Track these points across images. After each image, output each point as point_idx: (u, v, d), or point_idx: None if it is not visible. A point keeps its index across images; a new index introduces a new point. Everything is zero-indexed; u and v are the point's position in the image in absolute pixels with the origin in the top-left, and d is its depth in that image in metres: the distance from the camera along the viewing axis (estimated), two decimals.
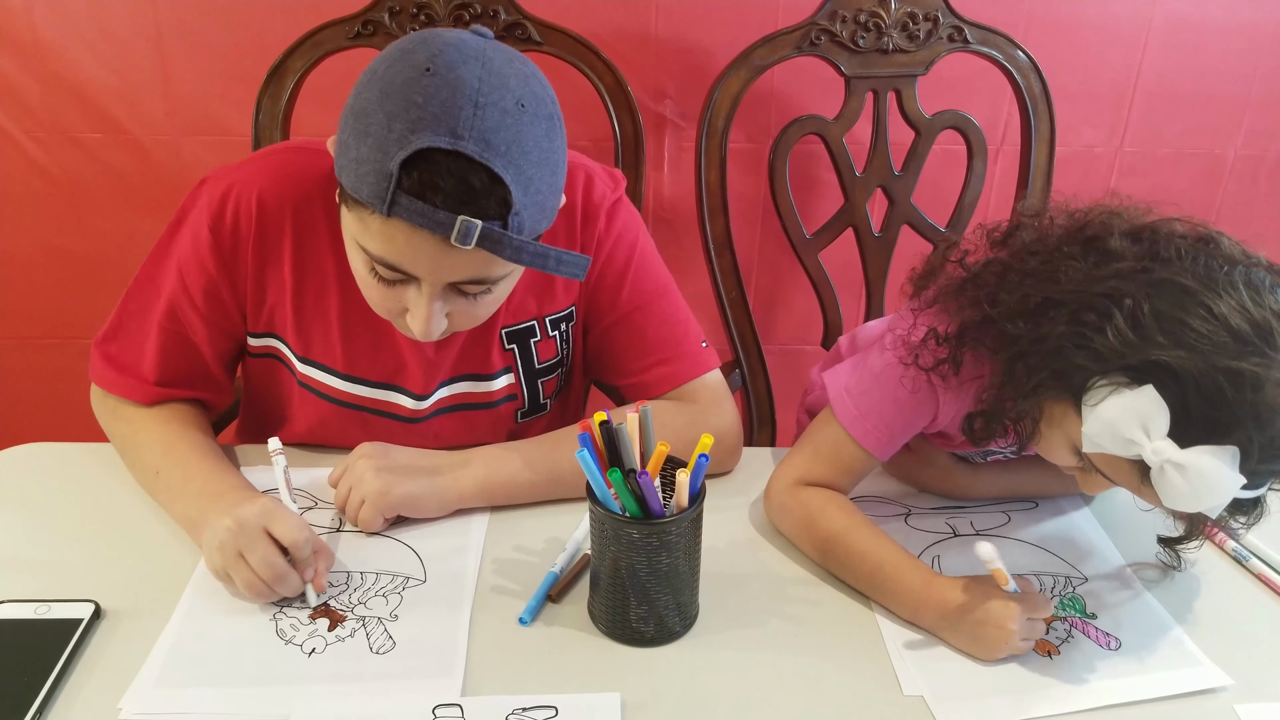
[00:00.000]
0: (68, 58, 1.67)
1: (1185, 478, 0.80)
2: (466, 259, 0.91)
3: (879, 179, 1.64)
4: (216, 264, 1.09)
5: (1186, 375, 0.80)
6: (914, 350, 1.00)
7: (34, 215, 1.79)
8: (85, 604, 0.94)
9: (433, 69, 0.87)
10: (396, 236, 0.90)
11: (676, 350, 1.20)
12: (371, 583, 1.00)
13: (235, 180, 1.08)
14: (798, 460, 1.10)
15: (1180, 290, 0.84)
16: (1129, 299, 0.84)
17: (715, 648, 0.94)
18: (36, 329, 1.87)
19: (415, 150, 0.85)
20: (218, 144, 1.73)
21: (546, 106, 0.93)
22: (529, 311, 1.18)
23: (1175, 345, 0.81)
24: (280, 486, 1.03)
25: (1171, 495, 0.82)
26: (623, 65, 1.53)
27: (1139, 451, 0.82)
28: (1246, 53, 1.81)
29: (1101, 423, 0.84)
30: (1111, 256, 0.89)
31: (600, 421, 0.91)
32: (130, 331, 1.15)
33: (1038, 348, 0.89)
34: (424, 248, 0.90)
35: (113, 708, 0.84)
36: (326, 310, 1.13)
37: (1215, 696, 0.90)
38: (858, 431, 1.06)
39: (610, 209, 1.18)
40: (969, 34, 1.57)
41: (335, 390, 1.18)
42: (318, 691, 0.87)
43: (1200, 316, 0.82)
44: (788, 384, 1.91)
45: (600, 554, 0.93)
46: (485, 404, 1.22)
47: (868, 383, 1.07)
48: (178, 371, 1.15)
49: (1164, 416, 0.80)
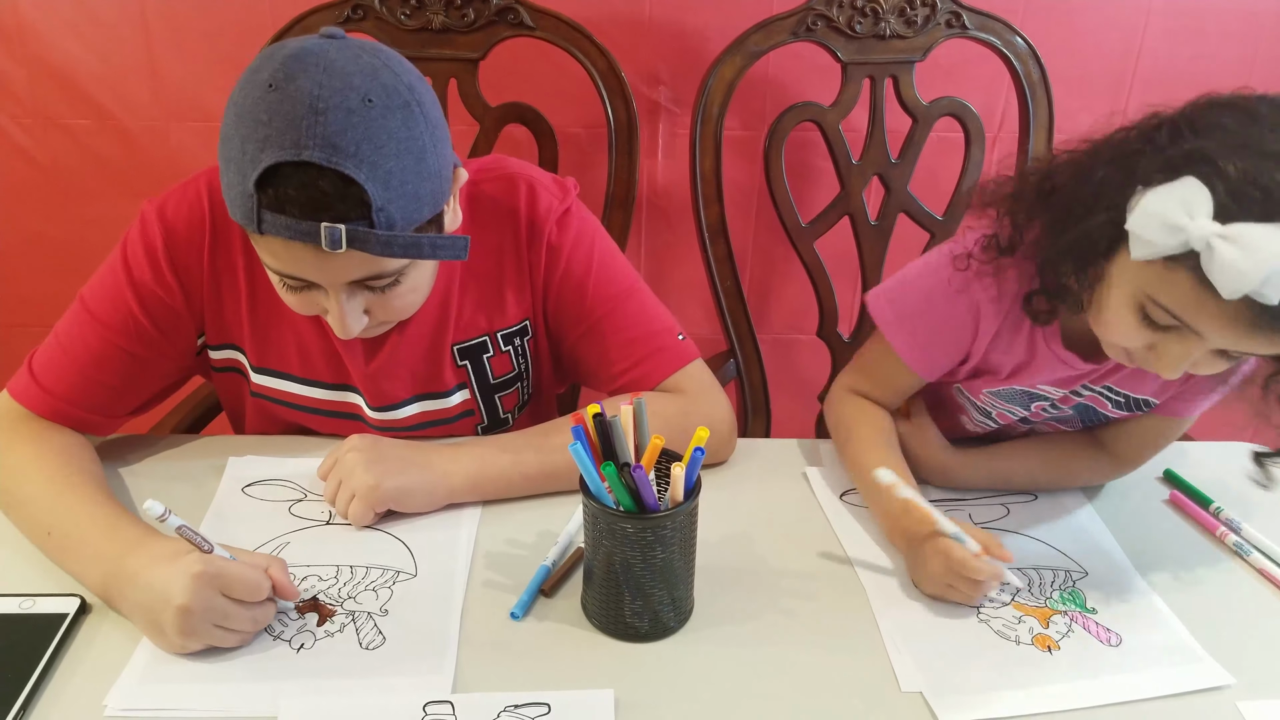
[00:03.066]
0: (54, 44, 1.65)
1: (1236, 247, 0.79)
2: (351, 260, 0.93)
3: (875, 167, 1.62)
4: (174, 273, 1.09)
5: (1226, 163, 0.81)
6: (968, 251, 1.04)
7: (20, 202, 1.78)
8: (70, 598, 0.93)
9: (274, 84, 0.89)
10: (277, 250, 0.94)
11: (653, 346, 1.19)
12: (361, 576, 0.99)
13: (182, 196, 1.10)
14: (853, 372, 1.20)
15: (1219, 105, 0.87)
16: (1167, 125, 0.88)
17: (710, 643, 0.93)
18: (23, 316, 1.87)
19: (265, 168, 0.88)
20: (205, 130, 1.71)
21: (400, 95, 0.92)
22: (479, 328, 1.18)
23: (1214, 141, 0.83)
24: (195, 541, 0.89)
25: (1226, 274, 0.80)
26: (616, 50, 1.52)
27: (1185, 238, 0.81)
28: (1246, 38, 1.79)
29: (1145, 216, 0.84)
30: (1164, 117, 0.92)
31: (594, 414, 0.89)
32: (61, 351, 1.10)
33: (1083, 187, 0.91)
34: (304, 256, 0.93)
35: (98, 704, 0.83)
36: (281, 316, 1.13)
37: (1218, 694, 0.89)
38: (898, 343, 1.11)
39: (560, 219, 1.17)
40: (967, 19, 1.55)
41: (294, 396, 1.18)
42: (306, 688, 0.85)
43: (1240, 120, 0.84)
44: (783, 373, 1.90)
45: (594, 548, 0.91)
46: (443, 420, 1.22)
47: (908, 294, 1.12)
48: (90, 395, 1.10)
49: (1206, 200, 0.81)
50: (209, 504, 1.09)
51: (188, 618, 0.85)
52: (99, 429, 1.13)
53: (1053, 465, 1.16)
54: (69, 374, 1.09)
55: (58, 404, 1.09)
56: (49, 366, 1.10)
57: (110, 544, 0.93)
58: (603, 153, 1.57)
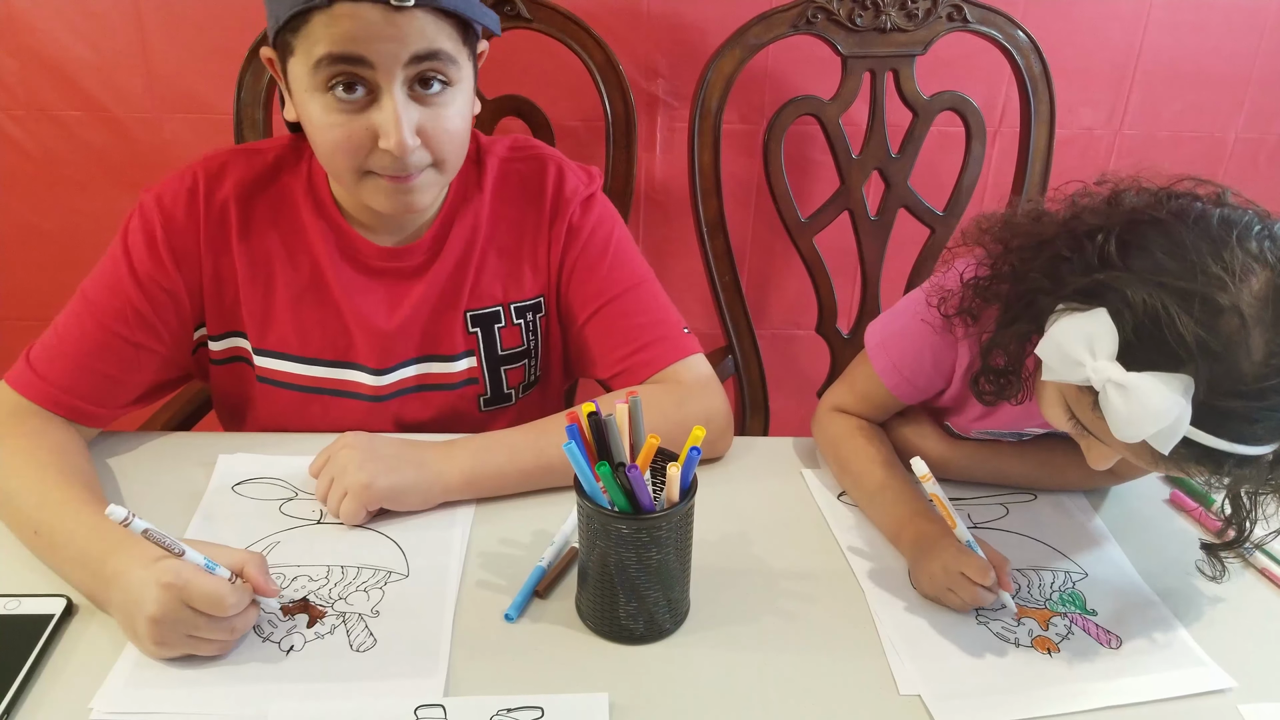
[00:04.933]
0: (45, 33, 1.64)
1: (1126, 398, 0.78)
2: (415, 26, 0.97)
3: (875, 161, 1.61)
4: (173, 260, 1.11)
5: (1136, 298, 0.78)
6: (943, 294, 1.03)
7: (11, 194, 1.76)
8: (57, 599, 0.91)
9: None
10: (342, 21, 0.96)
11: (657, 335, 1.20)
12: (352, 577, 0.98)
13: (180, 183, 1.12)
14: (838, 389, 1.20)
15: (1152, 222, 0.84)
16: (1103, 233, 0.85)
17: (706, 646, 0.92)
18: (13, 309, 1.85)
19: None
20: (199, 122, 1.70)
21: None
22: (495, 297, 1.22)
23: (1132, 270, 0.81)
24: (164, 544, 0.86)
25: (1116, 420, 0.79)
26: (614, 42, 1.51)
27: (1084, 374, 0.80)
28: (1248, 32, 1.79)
29: (1051, 344, 0.83)
30: (1119, 204, 0.90)
31: (589, 412, 0.88)
32: (58, 340, 1.10)
33: (1019, 285, 0.91)
34: (371, 20, 0.96)
35: (84, 706, 0.82)
36: (274, 290, 1.16)
37: (1219, 697, 0.88)
38: (879, 367, 1.12)
39: (585, 201, 1.22)
40: (968, 13, 1.54)
41: (294, 376, 1.19)
42: (295, 691, 0.84)
43: (1164, 247, 0.81)
44: (781, 369, 1.90)
45: (588, 549, 0.90)
46: (446, 385, 1.23)
47: (896, 321, 1.13)
48: (88, 384, 1.10)
49: (1111, 338, 0.79)
50: (199, 502, 1.08)
51: (158, 628, 0.83)
52: (96, 420, 1.12)
53: (1050, 468, 1.15)
54: (67, 363, 1.09)
55: (55, 393, 1.08)
56: (47, 356, 1.10)
57: (95, 544, 0.91)
58: (600, 146, 1.56)
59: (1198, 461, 0.81)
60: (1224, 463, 0.80)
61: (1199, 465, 0.81)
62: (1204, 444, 0.79)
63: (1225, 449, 0.79)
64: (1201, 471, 0.82)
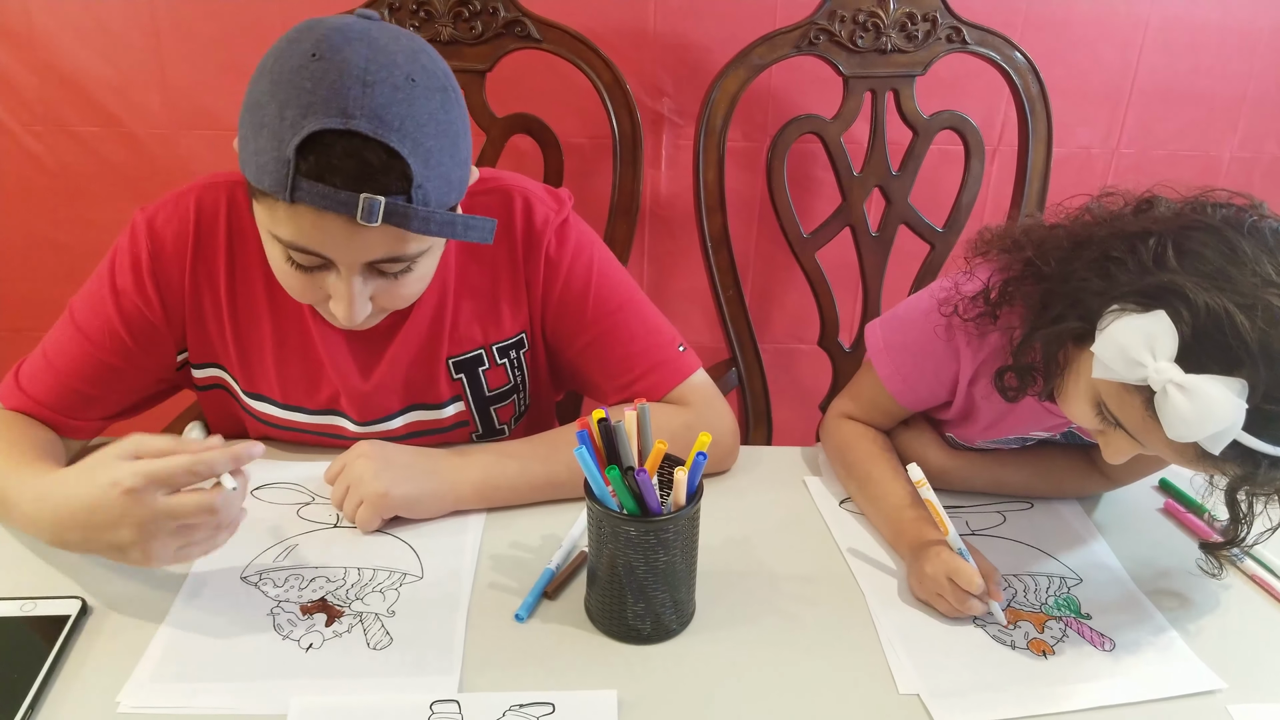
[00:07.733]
0: (64, 50, 1.66)
1: (1188, 399, 0.79)
2: (377, 237, 0.92)
3: (876, 179, 1.64)
4: (155, 287, 1.09)
5: (1198, 302, 0.80)
6: (954, 300, 1.04)
7: (29, 208, 1.79)
8: (72, 600, 0.93)
9: (319, 54, 0.88)
10: (304, 221, 0.91)
11: (656, 360, 1.19)
12: (369, 578, 1.00)
13: (174, 208, 1.10)
14: (845, 397, 1.23)
15: (1206, 228, 0.85)
16: (1155, 237, 0.86)
17: (711, 645, 0.94)
18: (30, 321, 1.86)
19: (309, 134, 0.86)
20: (214, 138, 1.73)
21: (439, 79, 0.93)
22: (475, 340, 1.18)
23: (1192, 274, 0.82)
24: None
25: (1173, 421, 0.80)
26: (621, 63, 1.53)
27: (1144, 374, 0.81)
28: (1243, 53, 1.82)
29: (1111, 343, 0.84)
30: (1152, 210, 0.92)
31: (599, 419, 0.91)
32: (44, 357, 1.12)
33: (1064, 284, 0.91)
34: (332, 229, 0.91)
35: (105, 704, 0.84)
36: (261, 340, 1.14)
37: (1209, 697, 0.91)
38: (883, 371, 1.15)
39: (558, 230, 1.16)
40: (967, 34, 1.57)
41: (280, 419, 1.19)
42: (315, 687, 0.87)
43: (1222, 253, 0.83)
44: (784, 382, 1.91)
45: (597, 551, 0.93)
46: (437, 430, 1.22)
47: (900, 328, 1.15)
48: (64, 400, 1.11)
49: (1172, 339, 0.80)
50: None
51: (132, 500, 0.85)
52: (73, 432, 1.13)
53: (1047, 477, 1.18)
54: (48, 379, 1.10)
55: (33, 405, 1.10)
56: (32, 371, 1.11)
57: (48, 483, 0.93)
58: (607, 163, 1.59)
59: (1237, 462, 0.82)
60: (1260, 464, 0.82)
61: (1238, 465, 0.83)
62: (1248, 445, 0.81)
63: (1268, 451, 0.81)
64: (1235, 471, 0.84)
